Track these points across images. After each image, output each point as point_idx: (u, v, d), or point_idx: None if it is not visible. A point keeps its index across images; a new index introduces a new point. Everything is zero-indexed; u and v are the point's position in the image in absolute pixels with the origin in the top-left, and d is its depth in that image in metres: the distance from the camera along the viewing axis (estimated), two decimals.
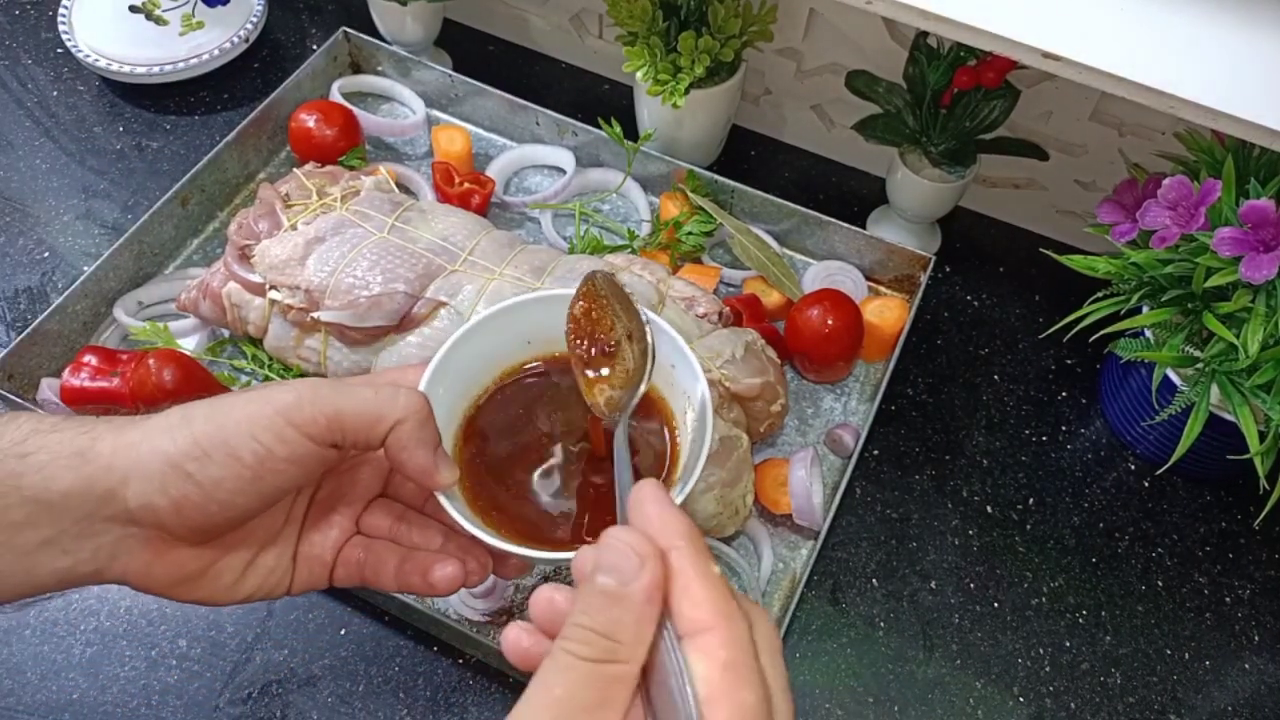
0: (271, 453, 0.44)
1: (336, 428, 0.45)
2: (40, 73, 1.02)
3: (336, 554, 0.51)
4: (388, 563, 0.51)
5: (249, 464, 0.44)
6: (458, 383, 0.55)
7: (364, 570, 0.51)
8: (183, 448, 0.44)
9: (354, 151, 0.91)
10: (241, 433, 0.44)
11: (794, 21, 0.90)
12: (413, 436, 0.47)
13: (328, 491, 0.52)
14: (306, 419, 0.45)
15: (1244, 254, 0.63)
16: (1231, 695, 0.73)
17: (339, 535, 0.51)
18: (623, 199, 0.95)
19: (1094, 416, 0.85)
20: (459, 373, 0.55)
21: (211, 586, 0.48)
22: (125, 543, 0.45)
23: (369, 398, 0.46)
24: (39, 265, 0.89)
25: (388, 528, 0.53)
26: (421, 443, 0.47)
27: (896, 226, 0.93)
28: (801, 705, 0.71)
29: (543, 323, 0.57)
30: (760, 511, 0.77)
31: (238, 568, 0.48)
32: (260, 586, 0.49)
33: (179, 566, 0.47)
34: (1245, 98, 0.60)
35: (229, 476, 0.44)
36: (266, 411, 0.44)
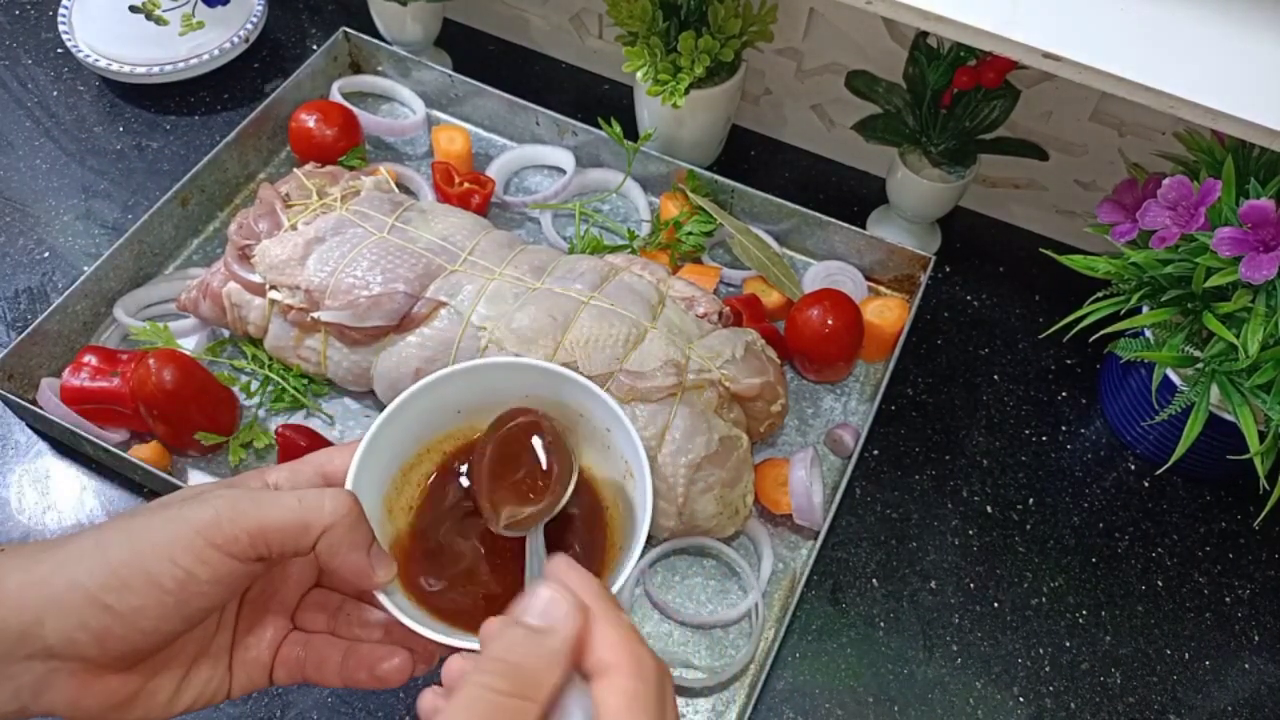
0: (193, 576, 0.43)
1: (260, 543, 0.44)
2: (40, 73, 1.02)
3: (274, 654, 0.50)
4: (330, 659, 0.50)
5: (170, 590, 0.43)
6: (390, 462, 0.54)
7: (305, 668, 0.50)
8: (100, 579, 0.42)
9: (354, 151, 0.91)
10: (160, 558, 0.42)
11: (794, 21, 0.90)
12: (343, 541, 0.45)
13: (259, 590, 0.50)
14: (228, 538, 0.43)
15: (1244, 254, 0.63)
16: (1231, 695, 0.73)
17: (275, 634, 0.50)
18: (623, 199, 0.95)
19: (1094, 416, 0.85)
20: (391, 450, 0.54)
21: (146, 707, 0.46)
22: (49, 678, 0.43)
23: (293, 507, 0.45)
24: (39, 265, 0.89)
25: (325, 621, 0.51)
26: (354, 546, 0.46)
27: (896, 226, 0.93)
28: (801, 705, 0.71)
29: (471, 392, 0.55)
30: (760, 511, 0.77)
31: (171, 685, 0.47)
32: (198, 698, 0.48)
33: (109, 694, 0.45)
34: (1245, 98, 0.60)
35: (150, 604, 0.43)
36: (185, 533, 0.43)
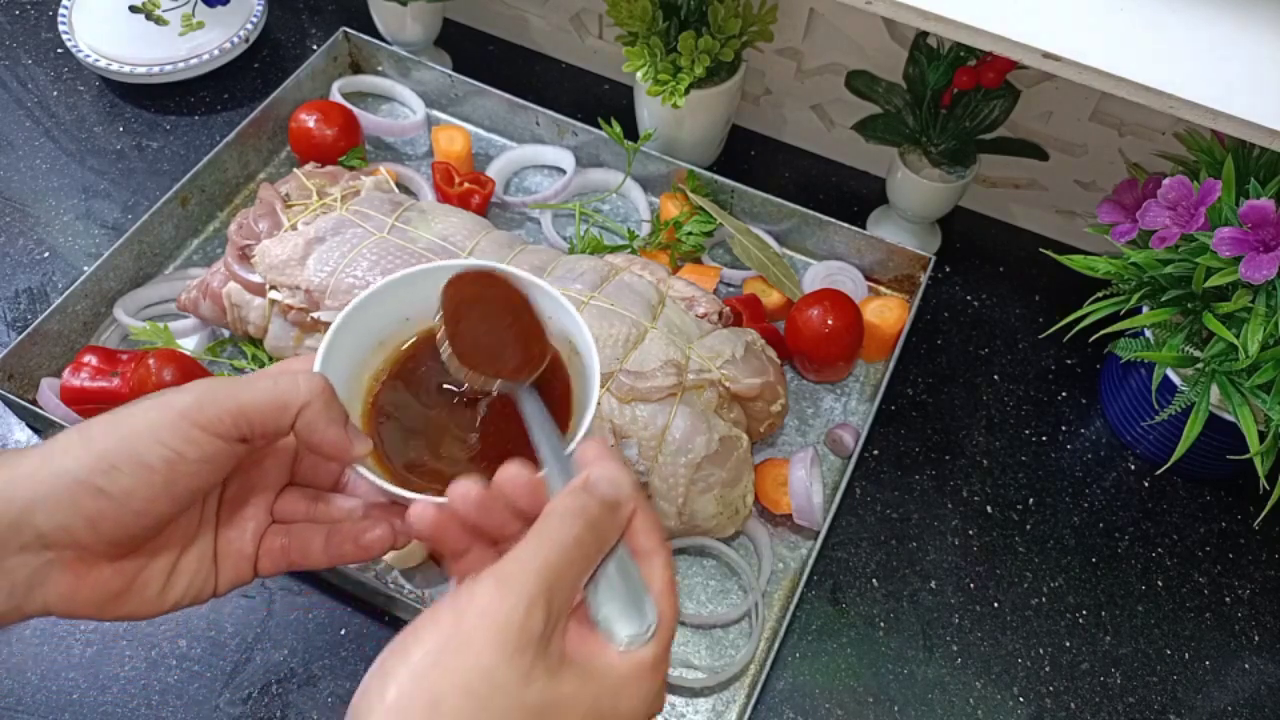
0: (181, 455, 0.44)
1: (243, 422, 0.45)
2: (40, 73, 1.02)
3: (258, 545, 0.51)
4: (313, 541, 0.52)
5: (160, 470, 0.44)
6: (349, 363, 0.56)
7: (290, 554, 0.52)
8: (88, 465, 0.43)
9: (354, 151, 0.91)
10: (148, 440, 0.44)
11: (794, 21, 0.90)
12: (321, 416, 0.47)
13: (235, 489, 0.52)
14: (211, 418, 0.45)
15: (1244, 254, 0.63)
16: (1231, 695, 0.73)
17: (256, 526, 0.52)
18: (623, 199, 0.95)
19: (1094, 416, 0.85)
20: (349, 352, 0.56)
21: (138, 599, 0.48)
22: (43, 572, 0.44)
23: (270, 387, 0.46)
24: (39, 265, 0.89)
25: (304, 510, 0.53)
26: (331, 421, 0.48)
27: (896, 226, 0.93)
28: (801, 705, 0.71)
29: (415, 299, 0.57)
30: (760, 511, 0.77)
31: (161, 576, 0.48)
32: (187, 591, 0.49)
33: (102, 585, 0.46)
34: (1245, 98, 0.60)
35: (140, 485, 0.44)
36: (169, 416, 0.44)
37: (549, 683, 0.39)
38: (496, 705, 0.37)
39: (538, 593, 0.39)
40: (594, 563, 0.41)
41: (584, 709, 0.39)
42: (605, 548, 0.42)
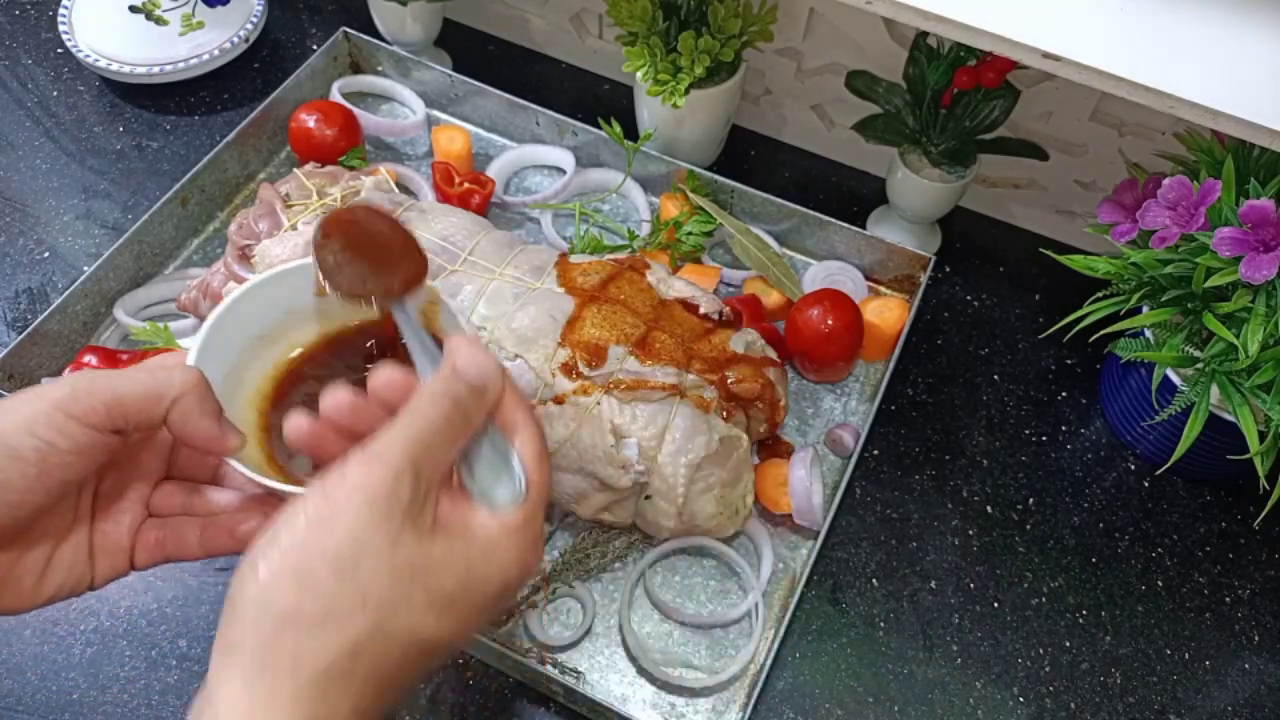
0: (54, 446, 0.45)
1: (117, 413, 0.46)
2: (40, 73, 1.02)
3: (134, 538, 0.52)
4: (188, 534, 0.52)
5: (32, 461, 0.44)
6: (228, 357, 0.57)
7: (165, 547, 0.52)
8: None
9: (354, 151, 0.91)
10: (21, 432, 0.44)
11: (794, 21, 0.90)
12: (194, 409, 0.48)
13: (110, 483, 0.52)
14: (85, 409, 0.45)
15: (1244, 254, 0.63)
16: (1231, 695, 0.73)
17: (131, 520, 0.52)
18: (623, 199, 0.95)
19: (1094, 416, 0.85)
20: (227, 347, 0.57)
21: (13, 591, 0.48)
22: None
23: (144, 379, 0.47)
24: (39, 265, 0.89)
25: (180, 504, 0.54)
26: (205, 413, 0.48)
27: (896, 226, 0.93)
28: (801, 705, 0.71)
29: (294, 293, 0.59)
30: (760, 511, 0.77)
31: (36, 569, 0.49)
32: (63, 584, 0.50)
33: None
34: (1245, 98, 0.60)
35: (14, 477, 0.44)
36: (43, 408, 0.45)
37: (418, 546, 0.40)
38: (365, 569, 0.39)
39: (404, 464, 0.40)
40: (461, 439, 0.44)
41: (455, 568, 0.41)
42: (472, 425, 0.44)
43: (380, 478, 0.40)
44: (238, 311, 0.57)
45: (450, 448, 0.43)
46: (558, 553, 0.75)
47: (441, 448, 0.43)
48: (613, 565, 0.75)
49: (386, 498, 0.40)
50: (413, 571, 0.40)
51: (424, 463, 0.41)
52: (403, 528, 0.40)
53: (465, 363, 0.45)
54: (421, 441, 0.42)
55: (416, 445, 0.41)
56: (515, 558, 0.44)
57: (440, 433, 0.42)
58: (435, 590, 0.41)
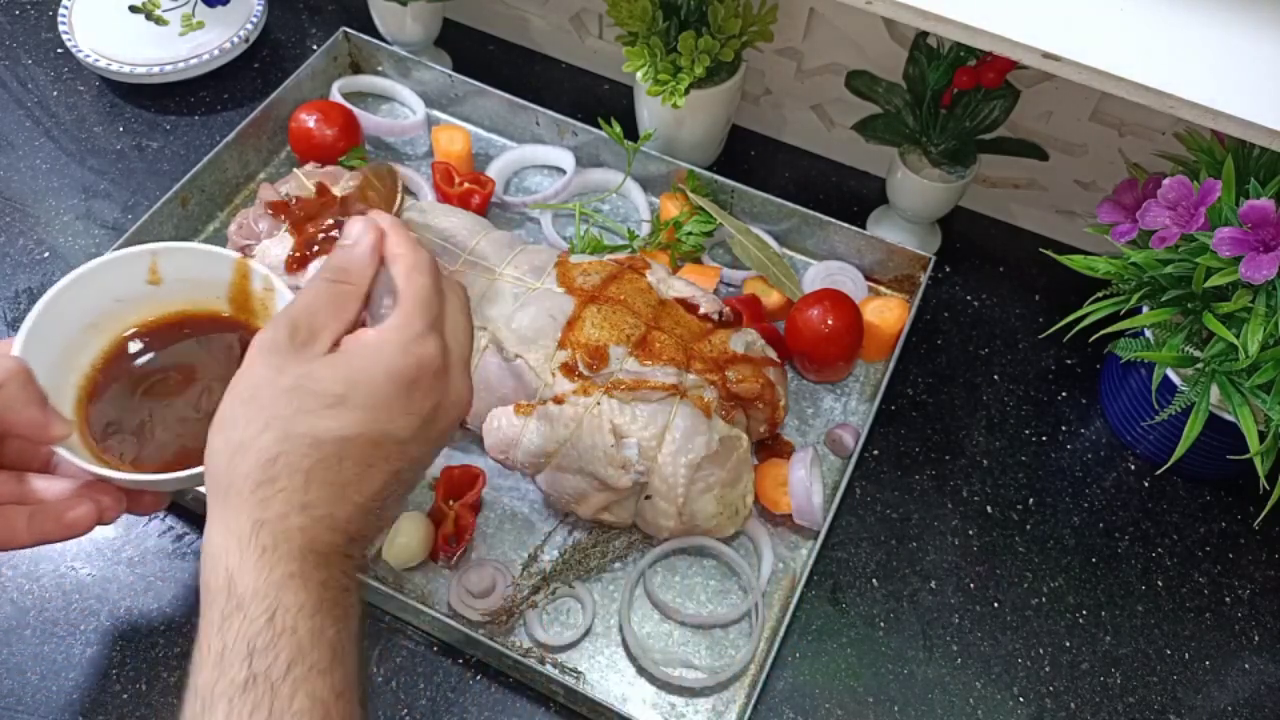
0: None
1: None
2: (40, 73, 1.02)
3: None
4: (16, 522, 0.53)
5: None
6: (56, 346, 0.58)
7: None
8: None
9: (354, 151, 0.91)
10: None
11: (794, 21, 0.90)
12: (17, 397, 0.49)
13: None
14: None
15: (1244, 254, 0.63)
16: (1231, 695, 0.73)
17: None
18: (623, 199, 0.95)
19: (1094, 416, 0.85)
20: (54, 336, 0.58)
21: None
22: None
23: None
24: (39, 265, 0.89)
25: (10, 492, 0.54)
26: (28, 401, 0.50)
27: (896, 226, 0.93)
28: (801, 705, 0.71)
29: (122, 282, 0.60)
30: (760, 511, 0.77)
31: None
32: None
33: None
34: (1245, 98, 0.60)
35: None
36: None
37: (302, 368, 0.48)
38: (262, 397, 0.47)
39: (281, 320, 0.50)
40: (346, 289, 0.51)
41: (337, 371, 0.49)
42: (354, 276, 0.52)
43: (263, 333, 0.49)
44: (65, 300, 0.58)
45: (332, 299, 0.51)
46: (558, 553, 0.75)
47: (320, 301, 0.51)
48: (613, 565, 0.75)
49: (270, 343, 0.49)
50: (299, 385, 0.48)
51: (301, 314, 0.50)
52: (286, 359, 0.48)
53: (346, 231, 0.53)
54: (299, 301, 0.51)
55: (294, 305, 0.51)
56: (396, 351, 0.49)
57: (316, 291, 0.51)
58: (323, 394, 0.48)
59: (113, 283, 0.60)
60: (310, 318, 0.50)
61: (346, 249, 0.53)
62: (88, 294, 0.59)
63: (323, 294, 0.51)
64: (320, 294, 0.51)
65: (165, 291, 0.62)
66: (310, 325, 0.50)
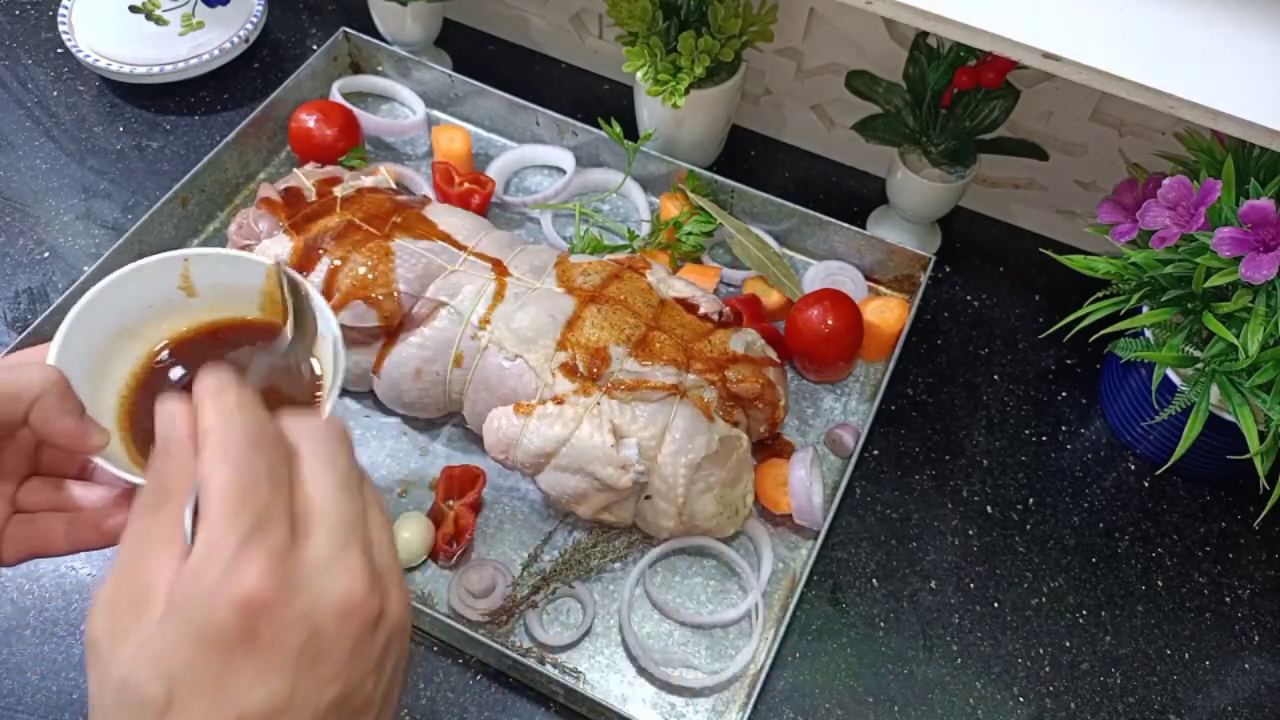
0: None
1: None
2: (40, 73, 1.02)
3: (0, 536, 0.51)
4: (55, 529, 0.52)
5: None
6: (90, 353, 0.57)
7: (32, 543, 0.52)
8: None
9: (354, 151, 0.91)
10: None
11: (794, 21, 0.90)
12: (54, 408, 0.48)
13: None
14: None
15: (1244, 254, 0.63)
16: (1231, 695, 0.73)
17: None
18: (623, 199, 0.95)
19: (1094, 416, 0.85)
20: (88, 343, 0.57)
21: None
22: None
23: (1, 380, 0.47)
24: (39, 265, 0.89)
25: (47, 499, 0.53)
26: (65, 412, 0.48)
27: (896, 226, 0.93)
28: (801, 705, 0.71)
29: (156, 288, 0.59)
30: (760, 511, 0.77)
31: None
32: None
33: None
34: (1245, 98, 0.60)
35: None
36: None
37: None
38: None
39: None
40: (166, 513, 0.41)
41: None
42: (172, 489, 0.41)
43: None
44: (99, 307, 0.57)
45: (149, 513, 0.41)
46: (558, 553, 0.75)
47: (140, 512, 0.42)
48: (613, 565, 0.75)
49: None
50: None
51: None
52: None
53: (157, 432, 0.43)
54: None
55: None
56: (221, 579, 0.40)
57: (147, 542, 0.41)
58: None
59: (145, 289, 0.59)
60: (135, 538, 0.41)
61: (158, 454, 0.43)
62: (120, 301, 0.58)
63: (149, 526, 0.41)
64: (147, 525, 0.41)
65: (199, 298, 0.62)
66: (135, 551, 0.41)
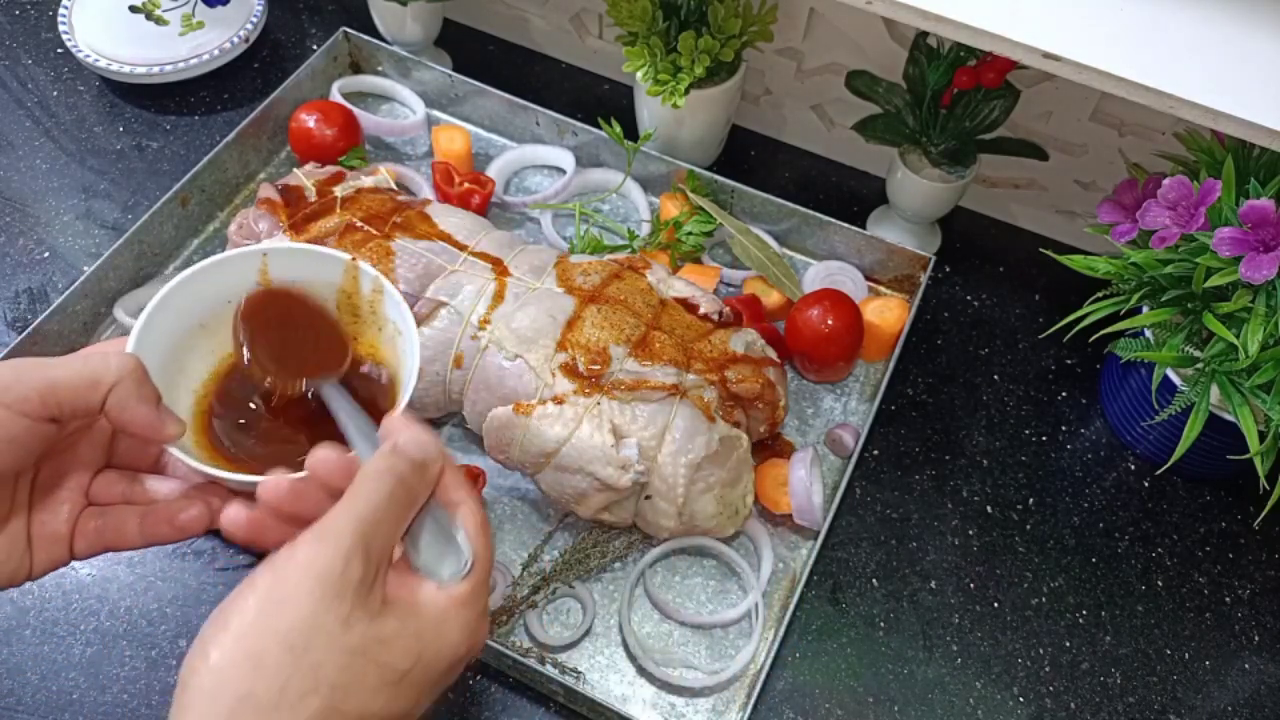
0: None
1: (51, 400, 0.45)
2: (40, 73, 1.02)
3: (72, 527, 0.51)
4: (129, 522, 0.51)
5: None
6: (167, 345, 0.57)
7: (105, 537, 0.51)
8: None
9: (354, 151, 0.91)
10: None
11: (794, 21, 0.90)
12: (132, 395, 0.47)
13: (48, 473, 0.51)
14: (18, 397, 0.44)
15: (1244, 254, 0.63)
16: (1231, 695, 0.73)
17: (70, 509, 0.51)
18: (623, 199, 0.95)
19: (1094, 416, 0.85)
20: (165, 335, 0.56)
21: None
22: None
23: (79, 366, 0.46)
24: (39, 265, 0.89)
25: (120, 493, 0.53)
26: (142, 399, 0.48)
27: (896, 226, 0.93)
28: (801, 705, 0.71)
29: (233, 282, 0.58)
30: (760, 511, 0.77)
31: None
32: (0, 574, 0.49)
33: None
34: (1245, 98, 0.60)
35: None
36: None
37: (369, 624, 0.40)
38: (318, 651, 0.39)
39: (354, 544, 0.40)
40: (407, 515, 0.44)
41: (406, 643, 0.41)
42: (416, 501, 0.44)
43: (331, 557, 0.40)
44: (178, 299, 0.56)
45: (397, 524, 0.43)
46: (558, 553, 0.75)
47: (388, 525, 0.42)
48: (613, 565, 0.75)
49: (338, 579, 0.40)
50: (365, 651, 0.40)
51: (372, 541, 0.41)
52: (354, 607, 0.40)
53: (406, 441, 0.45)
54: (368, 521, 0.41)
55: (365, 524, 0.41)
56: (464, 631, 0.43)
57: (386, 510, 0.42)
58: (387, 668, 0.41)
59: (224, 282, 0.58)
60: (380, 538, 0.42)
61: (415, 463, 0.44)
62: (199, 293, 0.58)
63: (389, 505, 0.42)
64: (387, 503, 0.42)
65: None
66: (379, 550, 0.42)
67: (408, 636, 0.41)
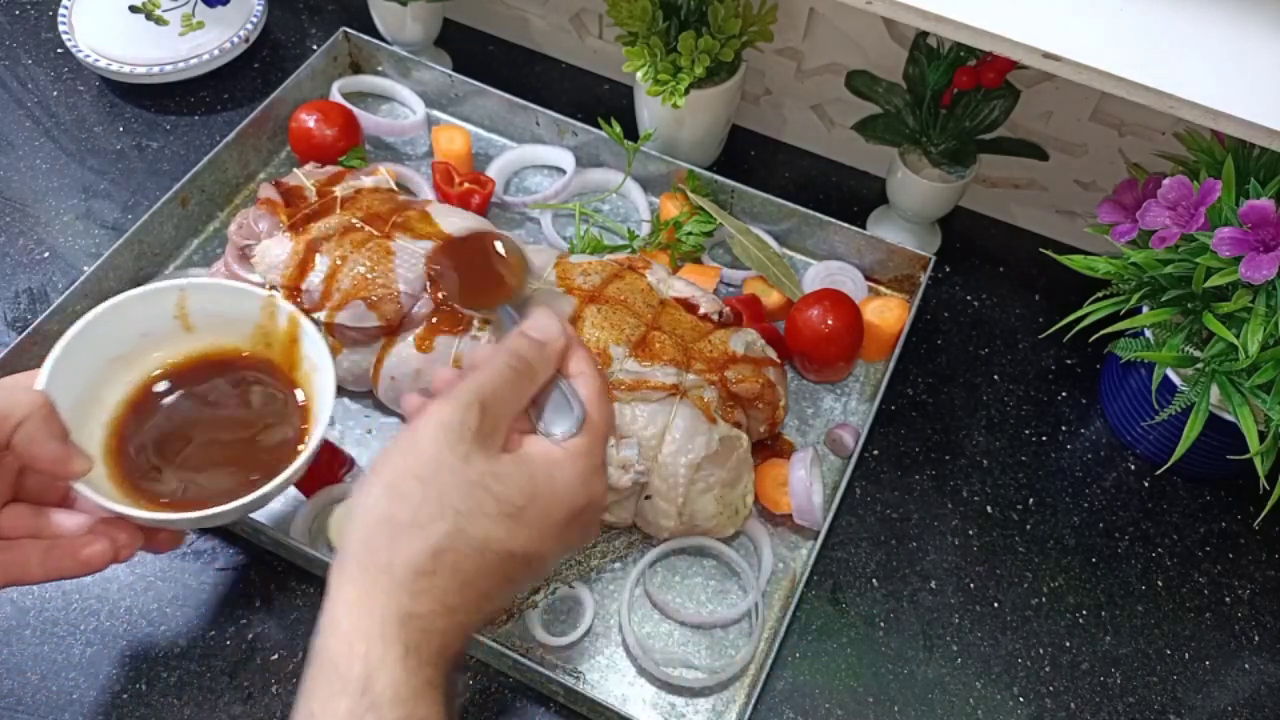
0: None
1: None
2: (40, 73, 1.02)
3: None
4: (31, 557, 0.52)
5: None
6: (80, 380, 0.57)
7: (9, 570, 0.52)
8: None
9: (354, 151, 0.91)
10: None
11: (794, 21, 0.90)
12: (40, 430, 0.49)
13: None
14: None
15: (1244, 254, 0.63)
16: (1231, 695, 0.73)
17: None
18: (623, 199, 0.95)
19: (1094, 416, 0.85)
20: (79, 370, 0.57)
21: None
22: None
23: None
24: (39, 265, 0.89)
25: (26, 526, 0.53)
26: (50, 435, 0.49)
27: (896, 226, 0.93)
28: (801, 705, 0.71)
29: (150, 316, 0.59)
30: (760, 511, 0.77)
31: None
32: None
33: None
34: (1245, 98, 0.61)
35: None
36: None
37: (486, 462, 0.47)
38: (442, 481, 0.46)
39: (473, 400, 0.48)
40: (526, 383, 0.51)
41: (520, 482, 0.48)
42: (535, 372, 0.51)
43: (452, 410, 0.47)
44: (94, 331, 0.57)
45: (514, 389, 0.50)
46: None
47: (507, 389, 0.50)
48: (613, 565, 0.75)
49: (459, 425, 0.47)
50: (482, 483, 0.47)
51: (491, 401, 0.48)
52: (472, 448, 0.47)
53: (531, 325, 0.53)
54: (488, 385, 0.49)
55: (484, 387, 0.49)
56: (577, 479, 0.50)
57: (506, 377, 0.50)
58: (504, 500, 0.47)
59: (140, 317, 0.59)
60: (497, 398, 0.49)
61: (534, 341, 0.52)
62: (116, 327, 0.58)
63: (508, 374, 0.50)
64: (506, 372, 0.50)
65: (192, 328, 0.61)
66: (496, 407, 0.49)
67: (521, 477, 0.48)
